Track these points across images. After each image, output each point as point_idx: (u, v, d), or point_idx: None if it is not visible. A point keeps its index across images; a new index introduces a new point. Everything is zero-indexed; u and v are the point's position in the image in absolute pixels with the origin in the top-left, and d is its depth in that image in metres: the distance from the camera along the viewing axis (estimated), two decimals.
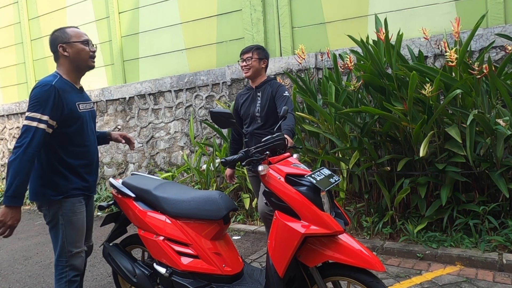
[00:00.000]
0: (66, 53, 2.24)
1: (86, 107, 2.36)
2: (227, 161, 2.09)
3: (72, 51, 2.25)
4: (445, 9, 4.29)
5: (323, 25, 4.94)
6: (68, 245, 2.24)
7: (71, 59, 2.26)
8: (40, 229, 5.44)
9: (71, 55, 2.25)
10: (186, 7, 5.90)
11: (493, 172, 3.29)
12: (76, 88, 2.31)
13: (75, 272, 2.26)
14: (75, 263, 2.26)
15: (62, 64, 2.28)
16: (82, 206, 2.31)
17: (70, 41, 2.24)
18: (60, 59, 2.27)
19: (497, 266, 3.01)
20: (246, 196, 4.76)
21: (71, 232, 2.24)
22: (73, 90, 2.28)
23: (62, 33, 2.25)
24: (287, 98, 2.95)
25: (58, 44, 2.24)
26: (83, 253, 2.33)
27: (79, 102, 2.28)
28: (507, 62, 3.40)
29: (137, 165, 6.37)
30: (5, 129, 8.11)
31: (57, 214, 2.23)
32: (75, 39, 2.26)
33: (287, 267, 1.90)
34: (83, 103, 2.32)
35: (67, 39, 2.24)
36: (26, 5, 7.61)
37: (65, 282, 2.23)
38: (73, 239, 2.25)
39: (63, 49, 2.24)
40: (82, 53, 2.27)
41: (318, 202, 1.86)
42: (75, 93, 2.28)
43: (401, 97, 3.60)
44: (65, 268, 2.24)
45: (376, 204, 3.93)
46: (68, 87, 2.24)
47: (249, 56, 3.06)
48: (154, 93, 6.14)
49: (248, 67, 3.07)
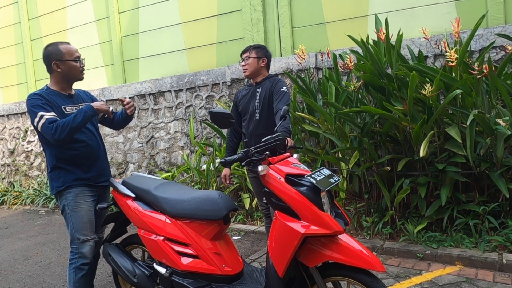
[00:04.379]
0: (59, 70, 2.49)
1: (76, 109, 2.56)
2: (226, 161, 2.09)
3: (65, 68, 2.50)
4: (445, 9, 4.29)
5: (323, 25, 4.94)
6: (75, 232, 2.51)
7: (63, 74, 2.52)
8: (40, 229, 5.44)
9: (64, 71, 2.51)
10: (186, 7, 5.90)
11: (493, 172, 3.29)
12: (63, 94, 2.56)
13: (83, 260, 2.51)
14: (84, 251, 2.51)
15: (54, 77, 2.54)
16: (86, 197, 2.55)
17: (63, 59, 2.48)
18: (53, 72, 2.52)
19: (497, 266, 3.01)
20: (246, 196, 4.76)
21: (76, 220, 2.50)
22: (60, 96, 2.54)
23: (56, 50, 2.48)
24: (284, 94, 2.91)
25: (52, 61, 2.48)
26: (91, 242, 2.54)
27: (65, 105, 2.53)
28: (507, 62, 3.40)
29: (137, 165, 6.37)
30: (5, 129, 8.11)
31: (64, 204, 2.52)
32: (68, 57, 2.50)
33: (287, 267, 1.90)
34: (71, 106, 2.56)
35: (60, 57, 2.48)
36: (26, 5, 7.61)
37: (74, 268, 2.50)
38: (79, 227, 2.51)
39: (57, 65, 2.48)
40: (73, 70, 2.53)
41: (318, 202, 1.85)
42: (62, 99, 2.54)
43: (401, 97, 3.60)
44: (76, 255, 2.51)
45: (376, 204, 3.93)
46: (54, 95, 2.51)
47: (247, 55, 3.06)
48: (154, 93, 6.14)
49: (246, 67, 3.06)
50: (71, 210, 2.51)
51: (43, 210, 6.61)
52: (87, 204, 2.55)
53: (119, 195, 2.58)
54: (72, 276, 2.50)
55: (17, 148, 7.91)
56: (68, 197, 2.51)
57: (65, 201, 2.52)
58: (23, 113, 7.76)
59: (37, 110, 2.37)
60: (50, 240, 4.86)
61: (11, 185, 7.89)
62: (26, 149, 7.76)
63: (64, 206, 2.53)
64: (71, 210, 2.51)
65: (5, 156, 8.11)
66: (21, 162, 7.84)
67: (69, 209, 2.51)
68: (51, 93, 2.51)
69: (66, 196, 2.51)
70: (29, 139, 7.73)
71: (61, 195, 2.53)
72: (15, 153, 7.95)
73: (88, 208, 2.56)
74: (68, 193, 2.51)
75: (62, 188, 2.51)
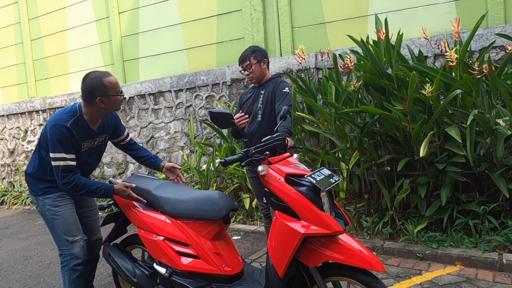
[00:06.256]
0: (103, 105, 2.36)
1: (94, 143, 2.53)
2: (226, 161, 2.09)
3: (109, 103, 2.37)
4: (445, 9, 4.29)
5: (323, 25, 4.94)
6: (63, 235, 2.47)
7: (106, 108, 2.39)
8: (40, 229, 5.44)
9: (107, 106, 2.37)
10: (186, 7, 5.90)
11: (493, 172, 3.29)
12: (90, 130, 2.45)
13: (76, 260, 2.47)
14: (74, 251, 2.47)
15: (93, 109, 2.39)
16: (66, 200, 2.51)
17: (109, 94, 2.35)
18: (95, 106, 2.37)
19: (497, 266, 3.01)
20: (246, 196, 4.76)
21: (61, 223, 2.46)
22: (86, 131, 2.43)
23: (100, 85, 2.33)
24: (286, 95, 2.90)
25: (96, 96, 2.33)
26: (81, 241, 2.51)
27: (85, 141, 2.45)
28: (507, 62, 3.40)
29: (137, 165, 6.37)
30: (5, 129, 8.11)
31: (43, 210, 2.49)
32: (112, 92, 2.36)
33: (287, 267, 1.90)
34: (90, 141, 2.49)
35: (105, 92, 2.34)
36: (26, 5, 7.61)
37: (67, 270, 2.46)
38: (65, 229, 2.47)
39: (101, 101, 2.34)
40: (116, 104, 2.42)
41: (318, 202, 1.85)
42: (87, 133, 2.44)
43: (401, 97, 3.60)
44: (67, 257, 2.47)
45: (376, 204, 3.93)
46: (83, 127, 2.40)
47: (247, 64, 3.01)
48: (154, 93, 6.14)
49: (251, 75, 3.04)
50: (53, 215, 2.47)
51: None
52: (68, 206, 2.51)
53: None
54: (67, 278, 2.47)
55: (17, 148, 7.92)
56: (46, 203, 2.47)
57: (43, 206, 2.49)
58: (23, 113, 7.76)
59: (60, 147, 2.30)
60: (50, 240, 4.85)
61: (11, 185, 7.89)
62: (26, 149, 7.76)
63: (44, 211, 2.49)
64: (53, 215, 2.47)
65: (5, 156, 8.11)
66: (21, 162, 7.84)
67: (50, 214, 2.47)
68: (80, 125, 2.38)
69: (44, 201, 2.48)
70: (29, 139, 7.73)
71: (38, 200, 2.51)
72: (15, 153, 7.95)
73: (70, 209, 2.51)
74: (46, 198, 2.48)
75: (39, 193, 2.48)
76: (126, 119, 6.46)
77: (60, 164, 2.31)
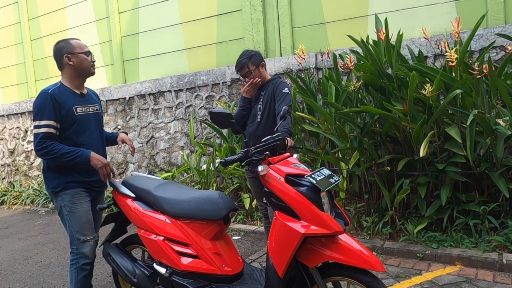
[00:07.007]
0: (71, 62, 2.50)
1: (88, 110, 2.59)
2: (226, 161, 2.09)
3: (77, 61, 2.51)
4: (445, 9, 4.29)
5: (323, 25, 4.94)
6: (75, 233, 2.51)
7: (75, 67, 2.52)
8: (40, 229, 5.44)
9: (75, 64, 2.51)
10: (186, 7, 5.90)
11: (493, 172, 3.29)
12: (76, 93, 2.56)
13: (85, 260, 2.51)
14: (84, 250, 2.51)
15: (66, 72, 2.55)
16: (83, 198, 2.54)
17: (75, 51, 2.51)
18: (65, 67, 2.53)
19: (497, 266, 3.01)
20: (246, 196, 4.76)
21: (75, 221, 2.50)
22: (73, 95, 2.53)
23: (67, 44, 2.51)
24: (286, 95, 2.90)
25: (63, 54, 2.49)
26: (92, 242, 2.56)
27: (77, 105, 2.52)
28: (507, 62, 3.40)
29: (137, 165, 6.37)
30: (5, 129, 8.11)
31: (61, 206, 2.51)
32: (79, 50, 2.52)
33: (287, 267, 1.90)
34: (82, 106, 2.56)
35: (72, 50, 2.50)
36: (26, 5, 7.61)
37: (75, 268, 2.51)
38: (78, 227, 2.51)
39: (68, 58, 2.50)
40: (85, 62, 2.54)
41: (318, 202, 1.85)
42: (75, 98, 2.53)
43: (401, 97, 3.60)
44: (76, 256, 2.51)
45: (376, 204, 3.93)
46: (67, 92, 2.50)
47: (247, 71, 3.00)
48: (154, 93, 6.14)
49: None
50: (69, 211, 2.49)
51: (43, 210, 6.61)
52: (85, 204, 2.54)
53: (119, 195, 2.58)
54: (74, 276, 2.50)
55: (17, 148, 7.92)
56: (64, 199, 2.49)
57: (61, 202, 2.50)
58: (23, 113, 7.76)
59: (41, 114, 2.35)
60: (50, 240, 4.85)
61: (11, 185, 7.89)
62: (26, 149, 7.76)
63: (61, 207, 2.51)
64: (69, 212, 2.49)
65: (5, 156, 8.11)
66: (21, 162, 7.84)
67: (66, 211, 2.49)
68: (64, 91, 2.48)
69: (63, 197, 2.49)
70: (29, 139, 7.72)
71: (57, 196, 2.51)
72: (15, 153, 7.95)
73: (86, 208, 2.54)
74: (64, 194, 2.49)
75: (57, 190, 2.49)
76: (126, 119, 6.47)
77: (39, 131, 2.35)
